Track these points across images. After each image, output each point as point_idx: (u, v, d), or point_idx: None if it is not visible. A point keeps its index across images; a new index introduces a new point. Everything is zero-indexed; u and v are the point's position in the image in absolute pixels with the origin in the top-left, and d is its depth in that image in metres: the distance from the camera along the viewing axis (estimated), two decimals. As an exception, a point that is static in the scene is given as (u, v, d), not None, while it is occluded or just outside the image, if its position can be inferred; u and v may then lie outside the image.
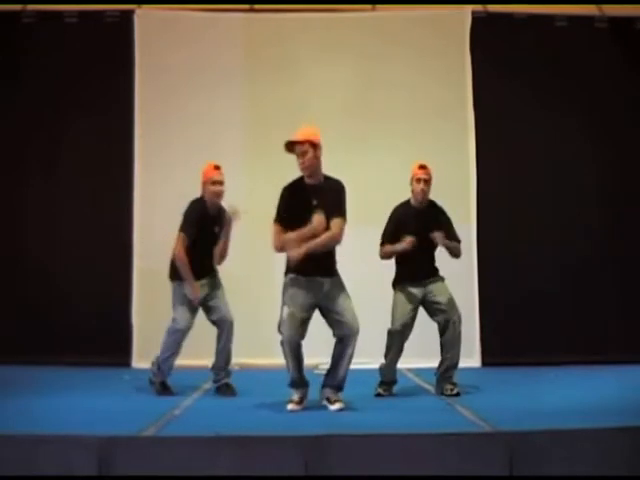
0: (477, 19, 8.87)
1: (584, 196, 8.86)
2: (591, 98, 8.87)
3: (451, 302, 6.44)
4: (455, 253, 6.55)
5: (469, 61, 8.87)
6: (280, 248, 5.73)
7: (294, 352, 5.65)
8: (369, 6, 9.08)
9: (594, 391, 6.66)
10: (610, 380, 7.38)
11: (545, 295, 8.67)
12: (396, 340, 6.40)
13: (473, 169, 8.82)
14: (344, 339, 5.69)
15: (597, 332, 8.63)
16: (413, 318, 6.45)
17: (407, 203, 6.60)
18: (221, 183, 6.55)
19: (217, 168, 6.58)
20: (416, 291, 6.45)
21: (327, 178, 5.80)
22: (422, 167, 6.52)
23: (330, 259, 5.75)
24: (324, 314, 5.76)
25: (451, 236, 6.50)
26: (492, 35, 8.83)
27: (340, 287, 5.73)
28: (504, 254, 8.69)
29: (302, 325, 5.64)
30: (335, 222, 5.63)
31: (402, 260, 6.50)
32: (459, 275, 8.15)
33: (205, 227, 6.48)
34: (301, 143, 5.70)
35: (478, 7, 8.93)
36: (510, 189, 8.81)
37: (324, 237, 5.61)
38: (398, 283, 6.52)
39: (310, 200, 5.68)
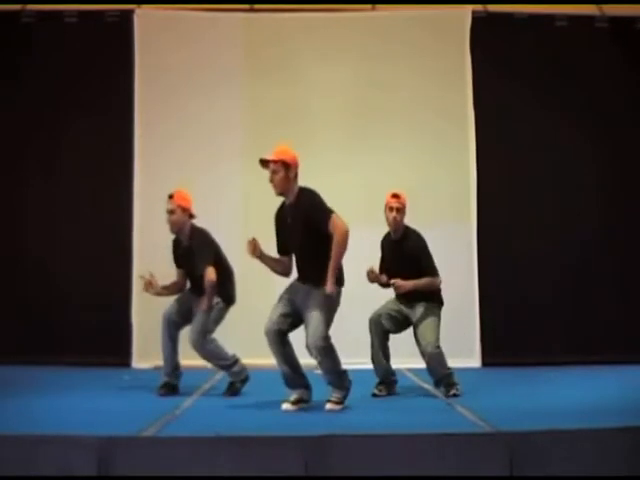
0: (477, 19, 8.87)
1: (584, 196, 8.86)
2: (591, 98, 8.87)
3: (426, 334, 6.30)
4: (427, 289, 6.39)
5: (469, 61, 8.87)
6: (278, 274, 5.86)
7: (272, 344, 5.65)
8: (369, 6, 9.09)
9: (594, 391, 6.65)
10: (610, 380, 7.38)
11: (545, 295, 8.68)
12: (371, 328, 6.39)
13: (473, 169, 8.81)
14: (308, 351, 5.66)
15: (597, 332, 8.62)
16: (394, 317, 6.42)
17: (388, 233, 6.58)
18: (169, 212, 6.51)
19: (169, 197, 6.54)
20: (402, 307, 6.45)
21: (301, 191, 5.71)
22: (395, 196, 6.40)
23: (318, 270, 5.57)
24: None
25: (424, 267, 6.37)
26: (492, 35, 8.83)
27: (317, 299, 5.58)
28: (504, 254, 8.69)
29: (281, 317, 5.66)
30: (331, 223, 5.53)
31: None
32: (459, 275, 8.19)
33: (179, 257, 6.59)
34: (274, 162, 5.66)
35: (478, 7, 8.92)
36: (510, 189, 8.81)
37: (336, 244, 5.53)
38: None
39: (286, 219, 5.72)
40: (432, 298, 6.43)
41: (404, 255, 6.40)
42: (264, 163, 5.70)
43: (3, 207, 8.75)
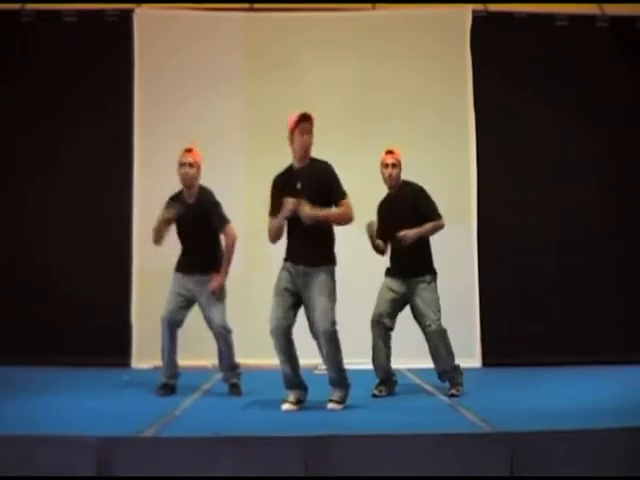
0: (477, 18, 8.87)
1: (584, 196, 8.86)
2: (591, 98, 8.86)
3: (427, 311, 6.27)
4: (433, 232, 6.36)
5: (469, 61, 8.86)
6: (272, 238, 5.70)
7: (280, 341, 5.57)
8: (369, 5, 9.08)
9: (594, 391, 6.65)
10: (610, 380, 7.38)
11: (545, 295, 8.67)
12: (374, 329, 6.32)
13: (473, 169, 8.81)
14: (316, 338, 5.62)
15: (597, 332, 8.62)
16: (393, 309, 6.35)
17: (384, 197, 6.52)
18: (188, 165, 6.39)
19: (188, 150, 6.44)
20: (397, 285, 6.35)
21: (313, 160, 5.74)
22: (389, 152, 6.44)
23: (318, 249, 5.60)
24: (303, 306, 5.67)
25: (424, 212, 6.31)
26: (492, 35, 8.82)
27: (321, 281, 5.54)
28: (504, 254, 8.68)
29: (287, 311, 5.58)
30: (342, 205, 5.60)
31: (390, 254, 6.44)
32: (459, 274, 8.19)
33: (182, 217, 6.39)
34: (311, 122, 5.68)
35: (478, 6, 8.92)
36: (510, 189, 8.80)
37: (339, 212, 5.59)
38: (385, 275, 6.49)
39: (294, 184, 5.63)
40: (426, 270, 6.36)
41: (404, 206, 6.31)
42: (307, 118, 5.65)
43: (3, 207, 8.74)
